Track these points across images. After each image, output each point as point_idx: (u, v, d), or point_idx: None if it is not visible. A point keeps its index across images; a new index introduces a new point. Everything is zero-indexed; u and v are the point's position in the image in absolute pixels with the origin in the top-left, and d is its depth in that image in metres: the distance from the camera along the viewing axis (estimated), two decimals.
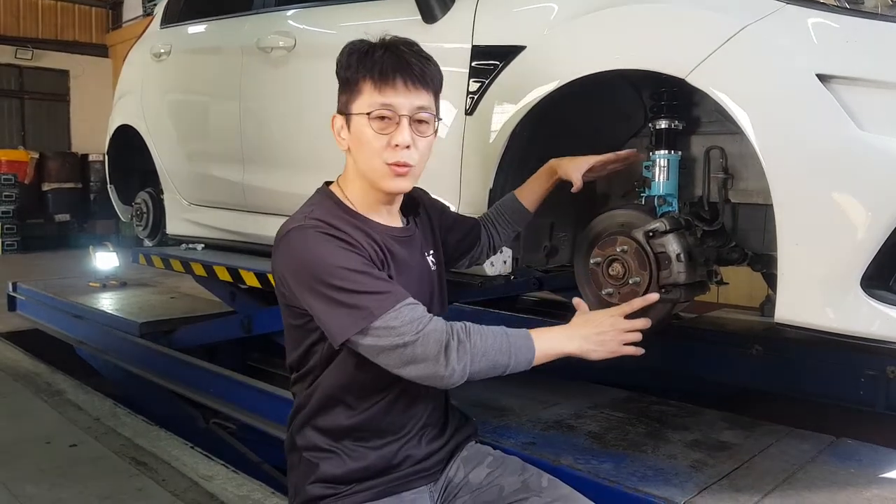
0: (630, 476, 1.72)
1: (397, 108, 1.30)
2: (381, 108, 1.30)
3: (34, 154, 11.29)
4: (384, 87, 1.30)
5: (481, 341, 1.26)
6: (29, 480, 2.46)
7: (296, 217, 1.35)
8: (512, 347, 1.28)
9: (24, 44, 11.89)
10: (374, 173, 1.34)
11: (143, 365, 3.72)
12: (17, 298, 5.07)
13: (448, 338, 1.24)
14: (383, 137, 1.31)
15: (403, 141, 1.31)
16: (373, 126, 1.31)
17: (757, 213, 1.89)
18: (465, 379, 1.26)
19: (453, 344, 1.24)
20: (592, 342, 1.36)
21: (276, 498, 2.33)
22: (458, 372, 1.24)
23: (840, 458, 1.87)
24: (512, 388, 2.39)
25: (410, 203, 1.51)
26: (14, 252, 10.16)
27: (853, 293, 1.42)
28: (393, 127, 1.31)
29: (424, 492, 1.42)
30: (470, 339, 1.25)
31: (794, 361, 2.64)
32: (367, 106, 1.31)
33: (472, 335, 1.26)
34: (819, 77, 1.42)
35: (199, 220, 3.42)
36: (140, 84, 3.69)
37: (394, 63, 1.30)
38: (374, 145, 1.31)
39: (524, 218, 1.81)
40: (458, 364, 1.23)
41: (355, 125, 1.33)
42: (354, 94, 1.33)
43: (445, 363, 1.23)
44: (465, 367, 1.24)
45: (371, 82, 1.31)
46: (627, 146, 2.15)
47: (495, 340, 1.28)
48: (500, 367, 1.28)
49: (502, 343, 1.28)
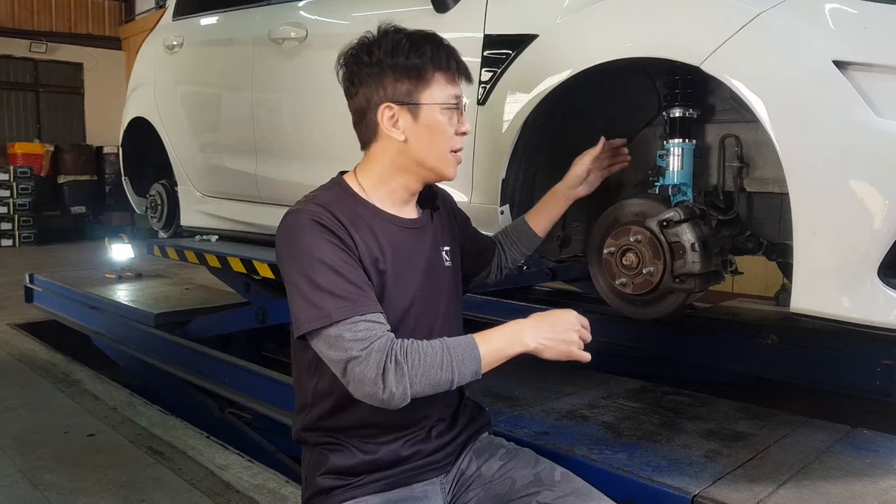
0: (644, 466, 1.72)
1: (462, 99, 1.41)
2: (455, 99, 1.38)
3: (49, 147, 11.38)
4: (454, 79, 1.39)
5: (419, 361, 1.23)
6: (48, 470, 2.49)
7: (299, 200, 1.37)
8: (454, 362, 1.25)
9: (38, 37, 11.98)
10: (442, 162, 1.39)
11: (158, 355, 3.75)
12: (34, 290, 5.12)
13: (386, 360, 1.21)
14: (452, 127, 1.39)
15: (468, 128, 1.42)
16: (444, 116, 1.37)
17: (772, 202, 1.87)
18: (409, 399, 1.23)
19: (390, 367, 1.21)
20: (548, 340, 1.30)
21: (291, 486, 2.35)
22: (398, 395, 1.21)
23: (856, 448, 1.86)
24: (525, 378, 2.38)
25: (428, 196, 1.50)
26: (30, 244, 10.26)
27: (870, 282, 1.41)
28: (456, 117, 1.40)
29: (435, 483, 1.43)
30: (408, 361, 1.22)
31: (810, 351, 2.63)
32: (441, 97, 1.36)
33: (410, 356, 1.23)
34: (836, 63, 1.40)
35: (213, 212, 3.43)
36: (153, 76, 3.70)
37: (455, 56, 1.39)
38: (448, 135, 1.38)
39: (532, 242, 1.79)
40: (396, 388, 1.20)
41: (426, 115, 1.35)
42: (422, 84, 1.35)
43: (383, 387, 1.20)
44: (405, 390, 1.22)
45: (443, 74, 1.36)
46: (641, 135, 2.13)
47: (434, 358, 1.24)
48: (444, 384, 1.25)
49: (443, 359, 1.24)
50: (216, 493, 2.31)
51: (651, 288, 1.83)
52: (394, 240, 1.37)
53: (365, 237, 1.32)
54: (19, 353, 4.14)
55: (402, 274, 1.36)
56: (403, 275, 1.36)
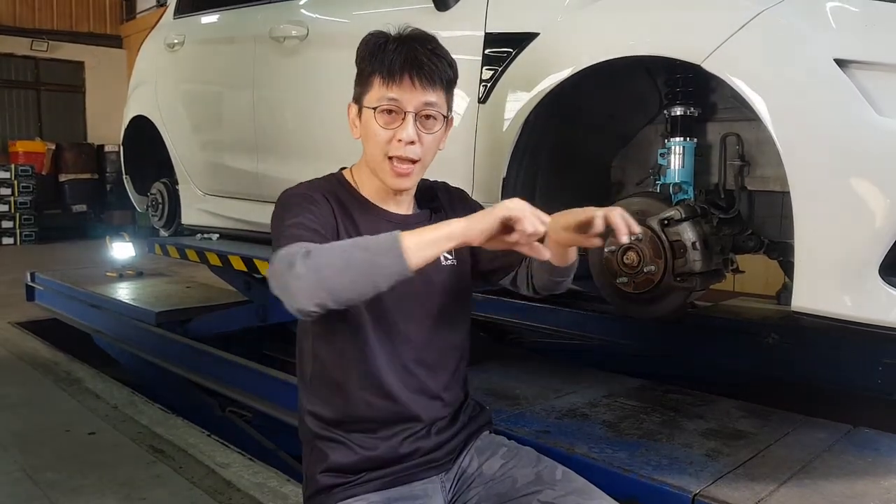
0: (645, 465, 1.72)
1: (403, 104, 1.31)
2: (387, 103, 1.31)
3: (51, 145, 11.38)
4: (391, 83, 1.31)
5: (329, 249, 1.16)
6: (49, 468, 2.49)
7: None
8: (370, 243, 1.15)
9: (39, 35, 11.96)
10: (378, 167, 1.36)
11: (159, 354, 3.75)
12: (35, 288, 5.13)
13: (298, 250, 1.15)
14: (388, 132, 1.32)
15: (407, 136, 1.31)
16: (378, 120, 1.33)
17: (774, 201, 1.87)
18: (328, 296, 1.12)
19: (301, 253, 1.14)
20: (475, 219, 1.14)
21: (292, 485, 2.35)
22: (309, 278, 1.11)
23: (857, 446, 1.86)
24: (526, 376, 2.38)
25: (428, 194, 1.50)
26: (32, 242, 10.27)
27: (871, 281, 1.41)
28: (398, 122, 1.32)
29: (436, 482, 1.42)
30: (320, 249, 1.16)
31: (811, 350, 2.62)
32: (375, 100, 1.33)
33: (324, 247, 1.16)
34: (837, 62, 1.40)
35: (213, 210, 3.43)
36: (154, 74, 3.70)
37: (403, 60, 1.31)
38: (380, 139, 1.33)
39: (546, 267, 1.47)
40: (303, 269, 1.11)
41: (365, 117, 1.36)
42: (366, 87, 1.35)
43: (290, 271, 1.12)
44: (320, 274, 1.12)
45: (380, 77, 1.32)
46: (642, 134, 2.13)
47: (347, 245, 1.17)
48: (361, 268, 1.13)
49: (356, 243, 1.17)
50: (217, 492, 2.31)
51: (652, 286, 1.83)
52: (376, 230, 1.35)
53: (345, 221, 1.36)
54: (20, 352, 4.15)
55: None
56: None
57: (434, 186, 1.52)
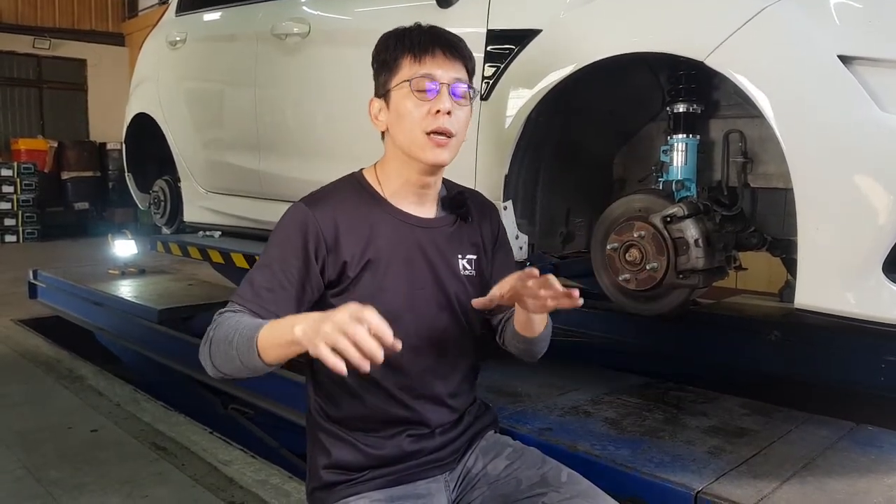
0: (647, 462, 1.71)
1: (438, 77, 1.30)
2: (421, 77, 1.30)
3: (53, 143, 11.38)
4: (424, 58, 1.31)
5: (215, 331, 1.21)
6: (52, 466, 2.50)
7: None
8: (236, 336, 1.16)
9: (41, 33, 11.96)
10: (414, 145, 1.32)
11: (162, 351, 3.75)
12: (37, 286, 5.12)
13: (214, 322, 1.24)
14: (424, 105, 1.30)
15: (445, 106, 1.30)
16: (413, 97, 1.31)
17: (777, 198, 1.87)
18: (222, 374, 1.21)
19: (209, 335, 1.23)
20: (312, 330, 1.03)
21: (294, 482, 2.35)
22: (209, 365, 1.23)
23: (860, 444, 1.86)
24: (528, 373, 2.38)
25: (454, 201, 1.46)
26: (34, 240, 10.27)
27: (874, 278, 1.40)
28: (433, 96, 1.31)
29: (440, 481, 1.42)
30: (214, 331, 1.21)
31: (814, 347, 2.62)
32: (407, 75, 1.31)
33: (220, 327, 1.21)
34: (841, 58, 1.39)
35: (215, 208, 3.43)
36: (156, 72, 3.70)
37: (431, 37, 1.32)
38: (415, 115, 1.30)
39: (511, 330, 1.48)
40: (204, 355, 1.23)
41: (395, 99, 1.33)
42: (393, 72, 1.33)
43: (202, 353, 1.23)
44: (213, 360, 1.22)
45: (410, 56, 1.31)
46: (645, 130, 2.13)
47: (226, 331, 1.19)
48: (235, 362, 1.16)
49: (227, 332, 1.18)
50: (219, 489, 2.31)
51: (654, 284, 1.82)
52: (393, 232, 1.35)
53: (354, 232, 1.33)
54: (23, 349, 4.15)
55: (394, 264, 1.34)
56: (395, 265, 1.34)
57: (464, 192, 1.48)
